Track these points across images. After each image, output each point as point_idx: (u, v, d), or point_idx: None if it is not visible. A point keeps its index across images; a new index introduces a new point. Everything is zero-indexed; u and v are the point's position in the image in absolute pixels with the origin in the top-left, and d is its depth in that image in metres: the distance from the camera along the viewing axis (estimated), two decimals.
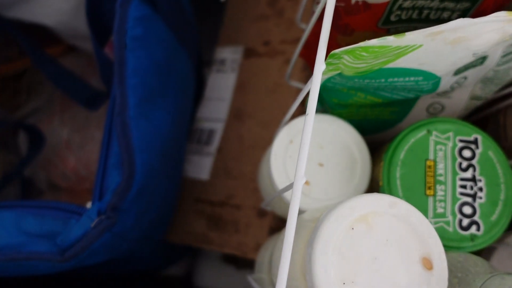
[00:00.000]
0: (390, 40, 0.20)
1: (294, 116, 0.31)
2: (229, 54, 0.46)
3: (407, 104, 0.29)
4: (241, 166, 0.40)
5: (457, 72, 0.25)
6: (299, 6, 0.43)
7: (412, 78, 0.24)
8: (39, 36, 0.50)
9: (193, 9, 0.42)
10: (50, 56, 0.49)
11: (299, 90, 0.39)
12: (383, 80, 0.24)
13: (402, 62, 0.22)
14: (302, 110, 0.39)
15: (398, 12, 0.28)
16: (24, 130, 0.52)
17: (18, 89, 0.55)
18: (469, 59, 0.23)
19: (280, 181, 0.27)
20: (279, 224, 0.37)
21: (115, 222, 0.27)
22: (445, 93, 0.28)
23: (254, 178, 0.39)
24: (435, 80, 0.25)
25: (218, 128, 0.43)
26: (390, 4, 0.27)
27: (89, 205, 0.28)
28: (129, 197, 0.27)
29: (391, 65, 0.23)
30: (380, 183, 0.26)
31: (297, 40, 0.42)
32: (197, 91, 0.47)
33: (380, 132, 0.32)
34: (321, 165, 0.27)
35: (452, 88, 0.27)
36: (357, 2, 0.27)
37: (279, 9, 0.44)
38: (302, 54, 0.36)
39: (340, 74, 0.24)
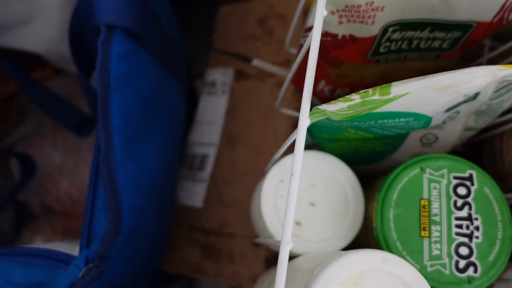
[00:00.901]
0: (375, 98, 0.19)
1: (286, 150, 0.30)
2: (220, 76, 0.45)
3: (400, 137, 0.28)
4: (234, 193, 0.39)
5: (449, 109, 0.24)
6: (288, 26, 0.43)
7: (402, 119, 0.23)
8: (25, 59, 0.49)
9: (180, 31, 0.41)
10: (36, 81, 0.48)
11: (290, 115, 0.38)
12: (372, 122, 0.23)
13: (390, 107, 0.22)
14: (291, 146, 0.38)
15: (387, 44, 0.27)
16: (15, 157, 0.51)
17: (7, 113, 0.55)
18: (459, 99, 0.23)
19: (271, 222, 0.26)
20: (275, 254, 0.36)
21: (104, 270, 0.26)
22: (438, 126, 0.28)
23: (248, 206, 0.38)
24: (426, 119, 0.24)
25: (211, 153, 0.42)
26: (378, 37, 0.26)
27: (76, 251, 0.27)
28: (117, 244, 0.27)
29: (379, 110, 0.22)
30: (374, 225, 0.25)
31: (287, 62, 0.41)
32: (189, 113, 0.47)
33: (373, 163, 0.32)
34: (312, 204, 0.27)
35: (445, 122, 0.27)
36: (344, 37, 0.26)
37: (268, 29, 0.44)
38: (293, 81, 0.35)
39: (327, 118, 0.23)
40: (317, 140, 0.30)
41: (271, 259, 0.36)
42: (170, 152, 0.35)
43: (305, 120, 0.18)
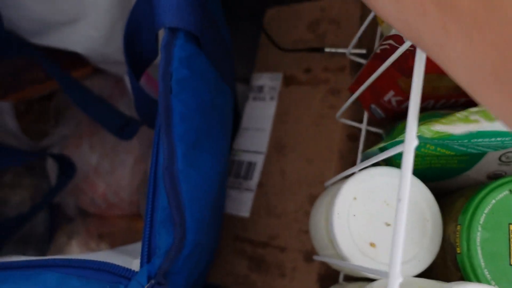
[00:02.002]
0: (484, 125, 0.17)
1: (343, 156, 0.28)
2: (267, 81, 0.44)
3: (479, 155, 0.27)
4: (284, 203, 0.38)
5: None
6: (341, 31, 0.41)
7: (498, 139, 0.22)
8: (65, 58, 0.48)
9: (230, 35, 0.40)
10: (77, 81, 0.47)
11: (345, 124, 0.37)
12: (466, 141, 0.22)
13: (494, 126, 0.20)
14: (344, 165, 0.36)
15: None
16: (53, 159, 0.50)
17: (46, 113, 0.54)
18: None
19: (343, 243, 0.25)
20: (329, 271, 0.34)
21: (167, 286, 0.25)
22: None
23: (299, 218, 0.37)
24: None
25: (258, 161, 0.41)
26: None
27: (135, 265, 0.26)
28: (181, 259, 0.25)
29: (479, 128, 0.20)
30: (458, 250, 0.24)
31: (341, 68, 0.39)
32: (234, 121, 0.45)
33: (445, 180, 0.30)
34: (388, 224, 0.25)
35: None
36: None
37: (320, 34, 0.42)
38: (351, 89, 0.34)
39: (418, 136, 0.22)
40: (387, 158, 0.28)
41: (325, 276, 0.34)
42: (224, 159, 0.34)
43: (412, 141, 0.17)
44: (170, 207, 0.25)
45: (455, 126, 0.17)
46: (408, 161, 0.17)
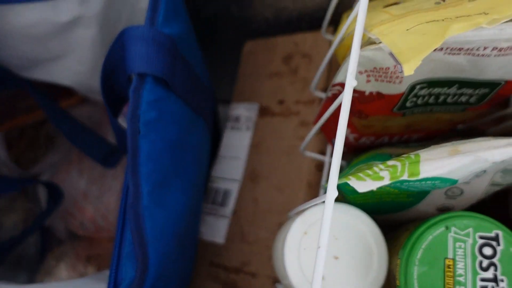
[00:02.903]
0: (403, 179, 0.19)
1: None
2: (244, 111, 0.46)
3: (425, 191, 0.28)
4: (257, 231, 0.40)
5: (477, 173, 0.24)
6: (312, 65, 0.43)
7: (429, 182, 0.23)
8: (54, 88, 0.51)
9: (207, 67, 0.42)
10: (64, 111, 0.49)
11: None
12: (398, 184, 0.24)
13: (392, 182, 0.22)
14: (311, 194, 0.38)
15: (414, 99, 0.28)
16: (42, 185, 0.52)
17: (36, 140, 0.56)
18: (488, 165, 0.23)
19: (294, 276, 0.27)
20: None
21: None
22: (464, 182, 0.27)
23: (269, 245, 0.38)
24: (452, 181, 0.24)
25: (233, 188, 0.43)
26: (405, 94, 0.27)
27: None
28: None
29: (381, 184, 0.22)
30: (397, 283, 0.25)
31: (311, 101, 0.41)
32: (213, 148, 0.47)
33: (396, 213, 0.32)
34: (336, 258, 0.27)
35: (471, 180, 0.27)
36: (371, 93, 0.27)
37: (293, 67, 0.44)
38: (316, 123, 0.35)
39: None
40: (340, 191, 0.30)
41: None
42: (196, 193, 0.36)
43: (333, 192, 0.19)
44: (134, 243, 0.27)
45: (364, 183, 0.19)
46: (328, 212, 0.19)
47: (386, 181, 0.19)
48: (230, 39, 0.54)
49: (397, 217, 0.32)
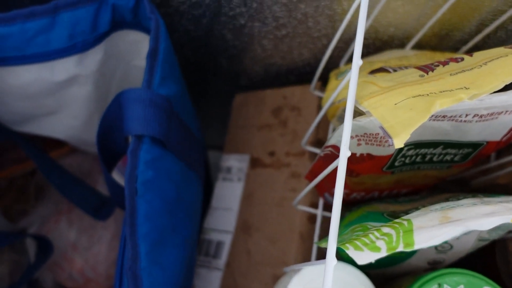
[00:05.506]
0: (398, 250, 0.20)
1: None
2: (235, 162, 0.47)
3: None
4: (249, 283, 0.40)
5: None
6: (301, 118, 0.44)
7: None
8: (44, 138, 0.51)
9: (199, 120, 0.43)
10: (54, 162, 0.50)
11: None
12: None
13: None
14: (304, 246, 0.39)
15: (402, 159, 0.29)
16: (32, 238, 0.52)
17: (26, 191, 0.56)
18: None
19: None
20: None
21: None
22: (453, 238, 0.29)
23: None
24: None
25: (226, 240, 0.43)
26: (394, 155, 0.28)
27: None
28: None
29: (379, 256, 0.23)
30: None
31: (302, 153, 0.43)
32: (205, 199, 0.48)
33: (390, 267, 0.33)
34: None
35: (460, 236, 0.28)
36: (361, 155, 0.28)
37: (283, 119, 0.46)
38: (307, 177, 0.37)
39: None
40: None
41: None
42: (191, 246, 0.36)
43: (331, 261, 0.20)
44: None
45: (361, 254, 0.20)
46: (328, 277, 0.19)
47: (383, 253, 0.20)
48: (220, 90, 0.56)
49: (390, 271, 0.33)
